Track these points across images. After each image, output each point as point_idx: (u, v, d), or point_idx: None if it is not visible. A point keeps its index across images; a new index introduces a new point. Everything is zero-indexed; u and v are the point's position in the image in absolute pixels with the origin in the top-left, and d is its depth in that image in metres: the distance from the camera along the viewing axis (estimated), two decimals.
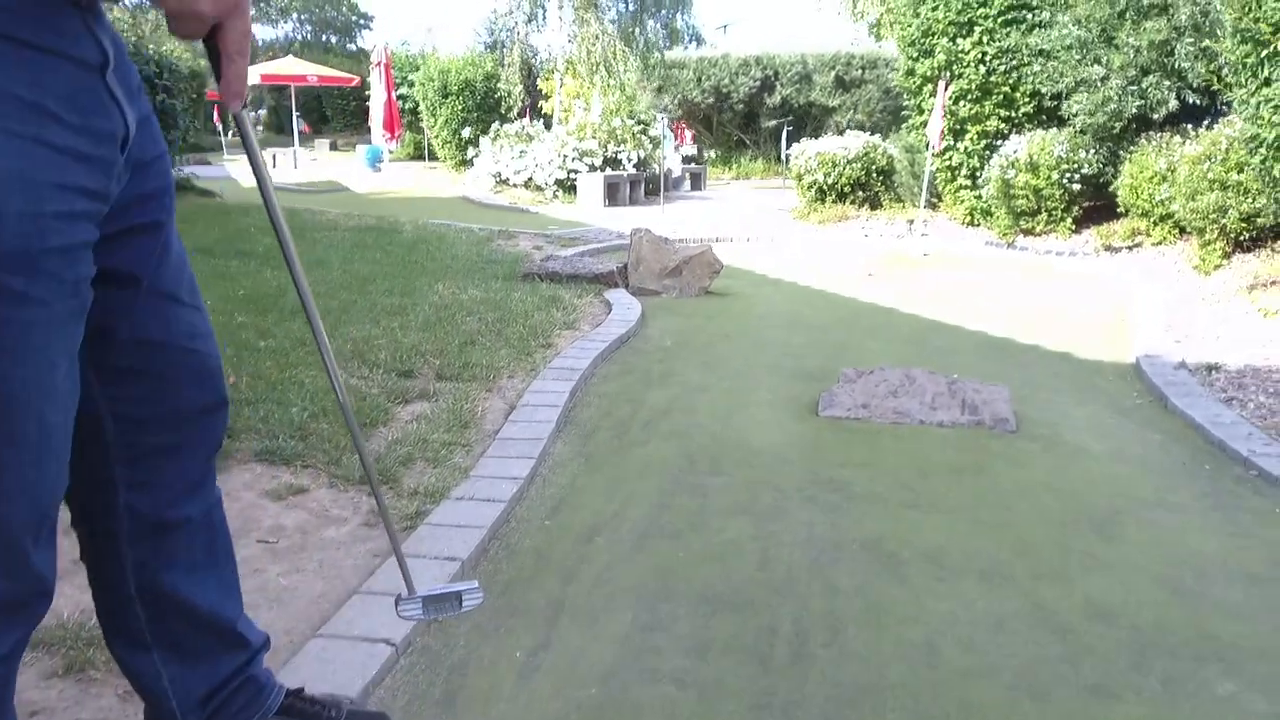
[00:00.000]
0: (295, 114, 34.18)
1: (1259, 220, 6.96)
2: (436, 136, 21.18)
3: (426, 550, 2.41)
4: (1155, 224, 8.55)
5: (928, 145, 9.34)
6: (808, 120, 21.87)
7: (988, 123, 9.90)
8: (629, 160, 14.71)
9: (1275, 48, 5.64)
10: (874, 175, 12.23)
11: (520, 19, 16.63)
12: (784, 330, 5.79)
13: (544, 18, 16.76)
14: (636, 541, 2.64)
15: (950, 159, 10.28)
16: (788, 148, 16.18)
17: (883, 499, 3.04)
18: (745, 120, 22.65)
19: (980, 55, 9.63)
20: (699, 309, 6.42)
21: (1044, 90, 9.21)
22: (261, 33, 56.04)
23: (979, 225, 10.39)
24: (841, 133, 21.45)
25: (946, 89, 9.24)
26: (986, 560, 2.58)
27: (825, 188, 12.31)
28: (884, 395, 4.03)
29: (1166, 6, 8.00)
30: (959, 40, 9.73)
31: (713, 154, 23.69)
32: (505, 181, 15.26)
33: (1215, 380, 4.44)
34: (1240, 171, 6.85)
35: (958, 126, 10.07)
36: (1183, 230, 8.17)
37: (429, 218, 11.29)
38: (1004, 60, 9.58)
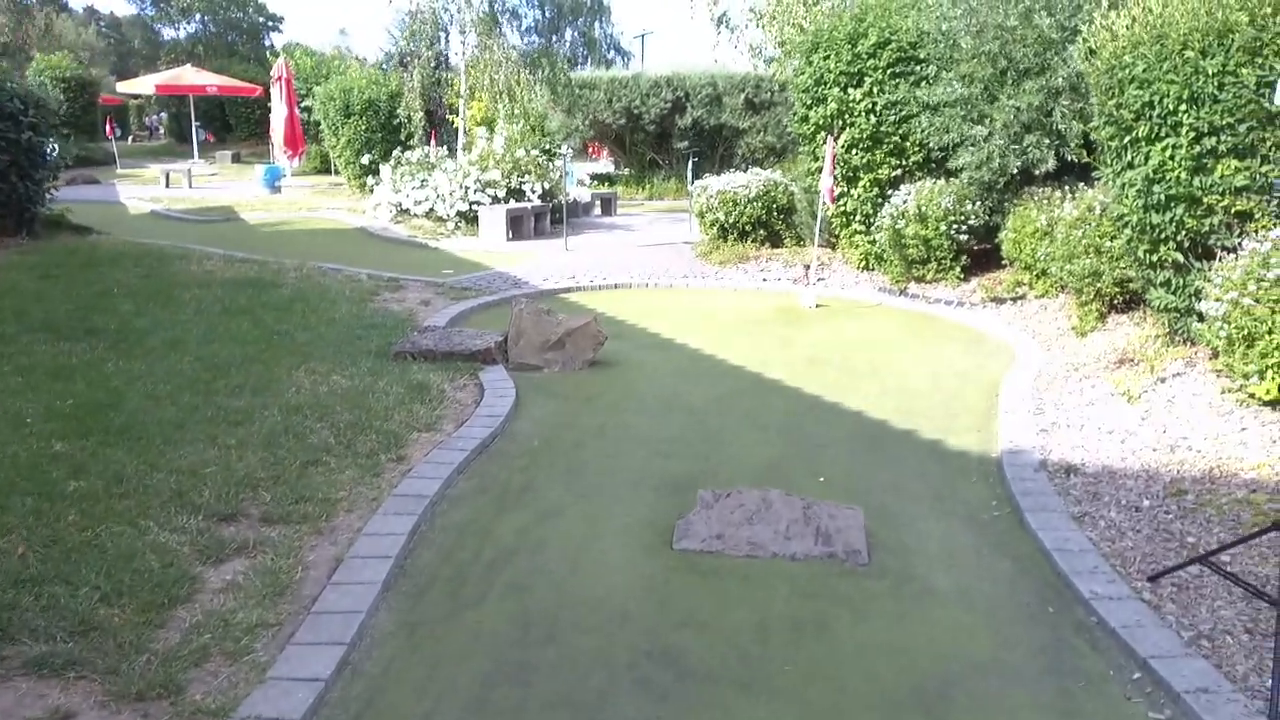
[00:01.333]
0: (195, 124, 33.05)
1: (1130, 285, 7.12)
2: (339, 157, 20.57)
3: None
4: (1037, 278, 8.72)
5: (821, 199, 9.38)
6: (719, 142, 21.97)
7: (879, 170, 9.98)
8: (533, 191, 14.47)
9: (1137, 134, 5.74)
10: (775, 214, 12.26)
11: (422, 43, 16.21)
12: (660, 417, 5.67)
13: (446, 42, 16.39)
14: None
15: (845, 204, 10.34)
16: (694, 179, 16.15)
17: (715, 678, 2.91)
18: (658, 140, 22.62)
19: (870, 105, 9.70)
20: (578, 389, 6.25)
21: (931, 143, 9.32)
22: (163, 34, 54.01)
23: (873, 269, 10.48)
24: (752, 154, 21.74)
25: (834, 143, 9.26)
26: None
27: (727, 226, 12.28)
28: (739, 523, 3.92)
29: (1044, 69, 8.15)
30: (850, 90, 9.77)
31: (626, 172, 23.62)
32: (406, 212, 14.87)
33: (1072, 488, 4.46)
34: (1113, 239, 7.00)
35: (851, 174, 10.12)
36: (1064, 284, 8.34)
37: (319, 259, 10.89)
38: (893, 111, 9.67)
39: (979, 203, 9.30)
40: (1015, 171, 8.51)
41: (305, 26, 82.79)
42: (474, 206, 14.06)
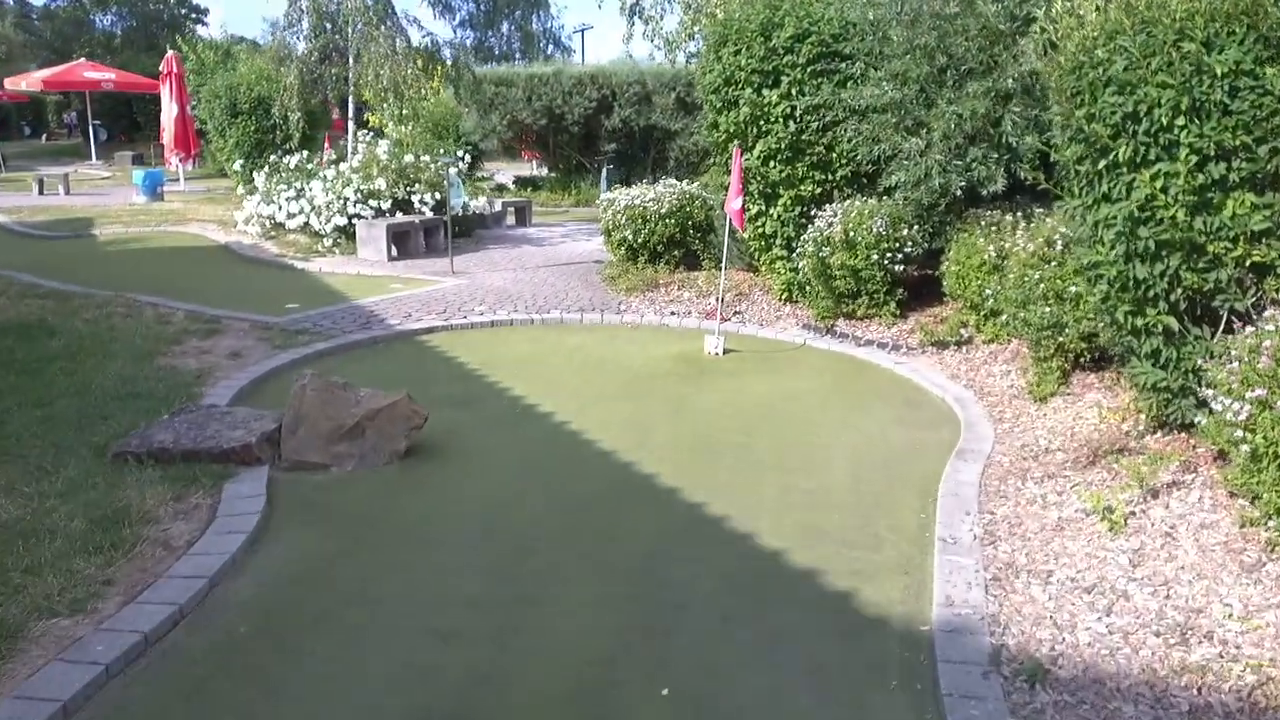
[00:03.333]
0: (93, 123, 30.61)
1: (1099, 340, 5.64)
2: (228, 161, 18.56)
3: None
4: (985, 319, 7.23)
5: (729, 224, 7.79)
6: (650, 144, 20.34)
7: (802, 187, 8.42)
8: (423, 202, 12.72)
9: (1116, 156, 4.22)
10: (691, 232, 10.66)
11: (302, 33, 14.34)
12: (468, 555, 4.02)
13: (332, 32, 14.50)
14: None
15: (763, 225, 8.78)
16: (608, 187, 14.55)
17: None
18: (584, 142, 20.94)
19: (789, 110, 8.14)
20: (368, 502, 4.57)
21: (860, 155, 7.78)
22: (79, 29, 50.91)
23: (798, 301, 8.93)
24: (686, 158, 20.12)
25: (743, 155, 7.67)
26: None
27: (636, 246, 10.66)
28: None
29: (991, 68, 6.65)
30: (765, 91, 8.20)
31: (552, 177, 21.92)
32: (281, 226, 13.02)
33: (1038, 707, 2.90)
34: (1080, 286, 5.50)
35: (769, 190, 8.56)
36: (1017, 332, 6.86)
37: (147, 289, 9.09)
38: (816, 117, 8.12)
39: (916, 227, 7.79)
40: (958, 192, 7.00)
41: (239, 19, 79.51)
42: (354, 220, 12.27)
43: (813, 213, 8.42)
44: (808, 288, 8.56)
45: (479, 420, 5.89)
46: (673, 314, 9.12)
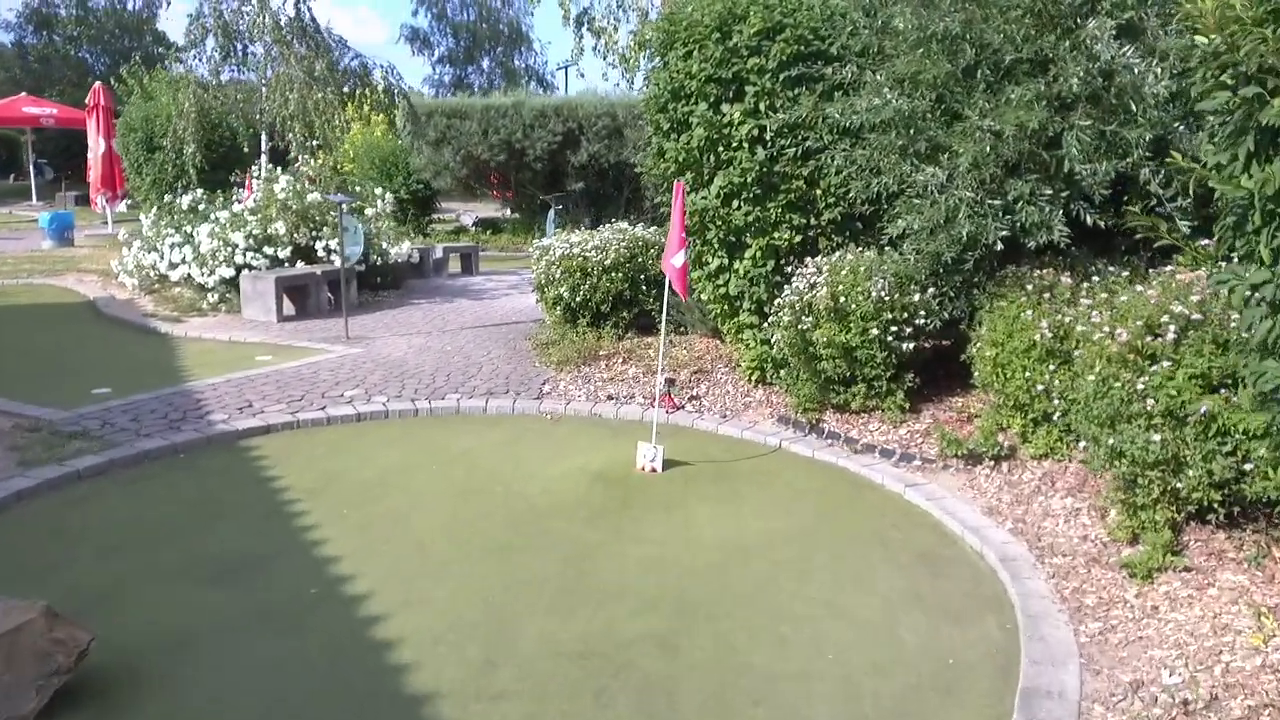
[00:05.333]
0: (38, 160, 28.71)
1: (1250, 487, 3.46)
2: (145, 200, 16.48)
3: None
4: (1035, 425, 5.04)
5: (665, 282, 5.64)
6: (623, 182, 18.28)
7: (775, 234, 6.27)
8: (327, 250, 10.58)
9: None
10: (644, 288, 8.52)
11: (205, 54, 12.33)
12: None
13: (240, 53, 12.49)
14: None
15: (725, 285, 6.62)
16: (553, 232, 12.46)
17: None
18: (549, 180, 18.89)
19: (756, 131, 6.01)
20: None
21: (853, 192, 5.63)
22: (47, 67, 49.25)
23: (772, 383, 6.74)
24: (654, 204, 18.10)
25: (684, 195, 5.50)
26: None
27: (575, 306, 8.50)
28: None
29: (1045, 63, 4.54)
30: (724, 107, 6.08)
31: (515, 217, 19.90)
32: (165, 278, 10.86)
33: None
34: (1222, 386, 3.33)
35: (733, 239, 6.42)
36: (1100, 461, 4.70)
37: None
38: (793, 140, 5.99)
39: (932, 289, 5.64)
40: (996, 243, 4.84)
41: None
42: (247, 271, 10.12)
43: (790, 268, 6.27)
44: (786, 365, 6.38)
45: (239, 615, 3.65)
46: (609, 398, 6.93)
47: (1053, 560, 4.13)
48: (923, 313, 5.64)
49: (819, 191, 6.13)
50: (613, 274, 8.40)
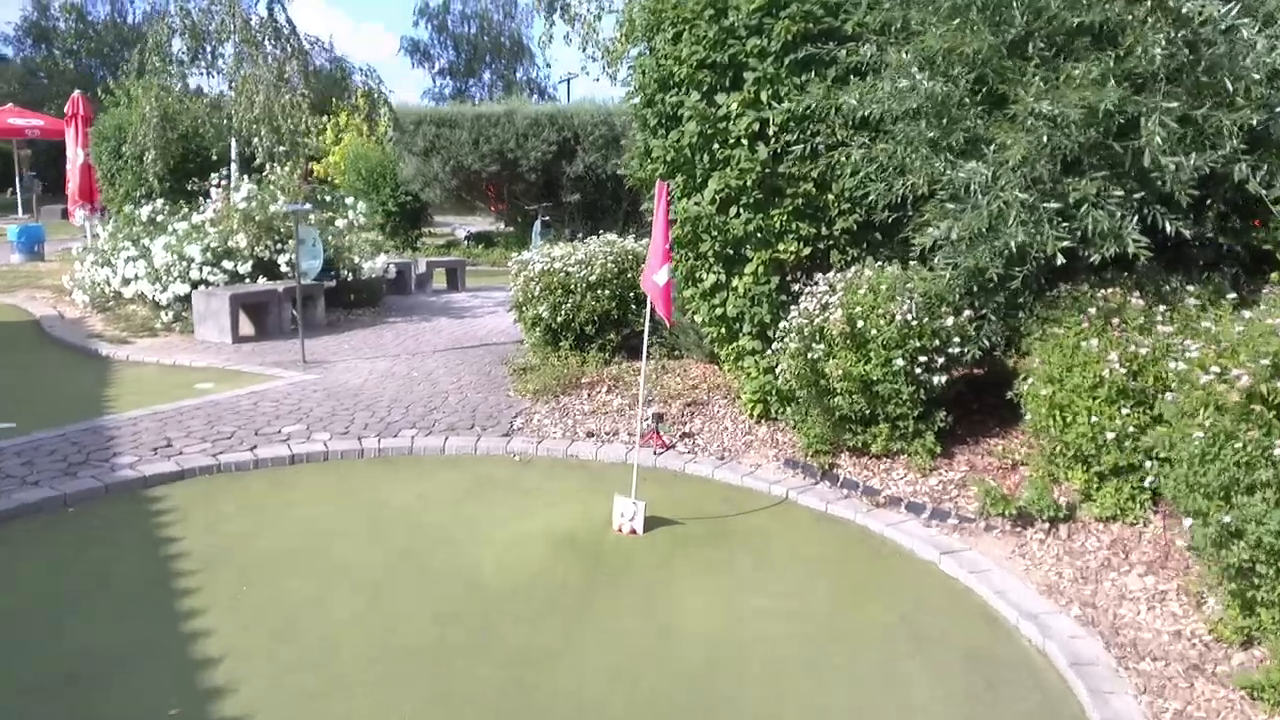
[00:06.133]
0: (25, 172, 28.00)
1: None
2: (118, 212, 15.65)
3: None
4: (1102, 479, 4.09)
5: (649, 308, 4.72)
6: (621, 195, 17.39)
7: (780, 245, 5.34)
8: (291, 265, 9.69)
9: None
10: (633, 307, 7.60)
11: (172, 53, 11.49)
12: None
13: (209, 54, 11.64)
14: None
15: (723, 304, 5.69)
16: (540, 241, 11.60)
17: None
18: (544, 191, 18.02)
19: (757, 124, 5.08)
20: None
21: (873, 195, 4.70)
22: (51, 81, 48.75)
23: (777, 418, 5.80)
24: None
25: (668, 199, 4.56)
26: None
27: (556, 328, 7.59)
28: None
29: (1116, 30, 3.62)
30: (719, 97, 5.16)
31: (508, 230, 19.05)
32: (119, 295, 10.00)
33: None
34: None
35: (730, 251, 5.49)
36: (1160, 495, 3.77)
37: None
38: (801, 134, 5.06)
39: (969, 312, 4.70)
40: (1057, 255, 3.90)
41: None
42: (203, 287, 9.25)
43: (798, 286, 5.34)
44: (792, 403, 5.45)
45: None
46: (589, 435, 6.00)
47: (1140, 666, 3.18)
48: (957, 339, 4.70)
49: (831, 196, 5.20)
50: (598, 291, 7.49)
